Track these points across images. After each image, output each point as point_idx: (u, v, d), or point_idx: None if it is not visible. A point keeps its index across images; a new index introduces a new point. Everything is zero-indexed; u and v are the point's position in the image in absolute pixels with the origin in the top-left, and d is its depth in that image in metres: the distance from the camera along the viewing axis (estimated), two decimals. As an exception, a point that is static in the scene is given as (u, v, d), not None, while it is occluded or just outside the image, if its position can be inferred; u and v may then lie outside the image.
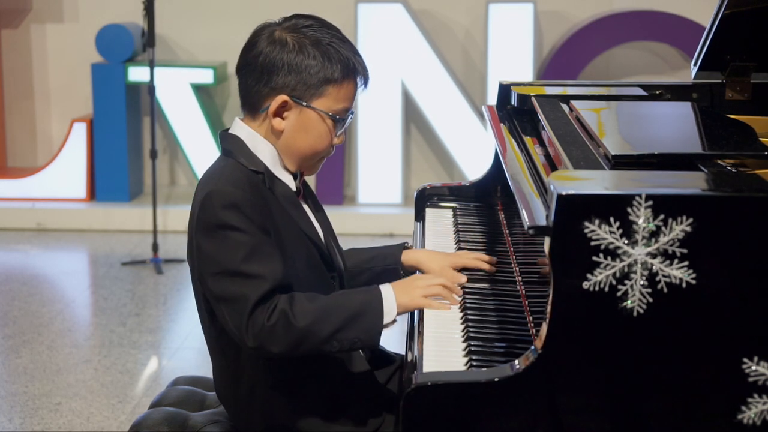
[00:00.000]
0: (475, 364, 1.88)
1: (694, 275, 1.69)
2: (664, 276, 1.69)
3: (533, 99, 2.66)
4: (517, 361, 1.75)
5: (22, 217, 6.13)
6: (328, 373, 2.09)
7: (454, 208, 2.82)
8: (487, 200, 2.83)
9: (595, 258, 1.69)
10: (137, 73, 6.13)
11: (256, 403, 2.09)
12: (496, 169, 2.81)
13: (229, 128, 2.12)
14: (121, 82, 6.13)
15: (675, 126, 2.44)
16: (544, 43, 6.37)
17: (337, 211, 5.99)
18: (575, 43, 6.09)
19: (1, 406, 3.70)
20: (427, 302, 2.05)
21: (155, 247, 5.43)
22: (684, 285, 1.70)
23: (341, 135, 2.09)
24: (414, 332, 2.04)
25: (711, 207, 1.70)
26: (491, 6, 6.06)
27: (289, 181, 2.10)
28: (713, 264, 1.70)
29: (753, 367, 1.72)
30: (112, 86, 6.14)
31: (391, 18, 6.05)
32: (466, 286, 2.23)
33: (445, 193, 2.86)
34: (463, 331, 2.02)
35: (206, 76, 6.16)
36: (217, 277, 1.95)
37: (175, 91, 6.15)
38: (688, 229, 1.68)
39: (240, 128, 2.09)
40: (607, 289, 1.70)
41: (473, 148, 6.09)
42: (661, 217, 1.68)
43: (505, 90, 2.84)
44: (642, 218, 1.68)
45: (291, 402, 2.07)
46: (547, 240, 1.73)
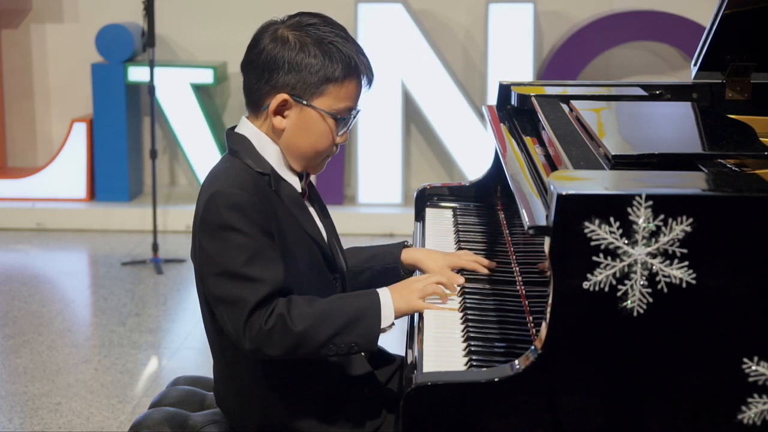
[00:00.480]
0: (475, 364, 1.88)
1: (694, 275, 1.69)
2: (664, 276, 1.69)
3: (533, 99, 2.66)
4: (517, 361, 1.75)
5: (22, 217, 6.13)
6: (328, 373, 2.09)
7: (454, 208, 2.82)
8: (487, 200, 2.83)
9: (595, 258, 1.69)
10: (137, 73, 6.13)
11: (255, 402, 2.09)
12: (496, 169, 2.81)
13: (235, 126, 2.12)
14: (121, 82, 6.14)
15: (675, 126, 2.44)
16: (544, 43, 6.37)
17: (337, 211, 5.96)
18: (575, 43, 6.09)
19: (1, 406, 3.70)
20: (424, 305, 2.05)
21: (155, 247, 5.43)
22: (684, 285, 1.70)
23: (344, 134, 2.08)
24: (414, 332, 2.05)
25: (711, 207, 1.70)
26: (491, 6, 6.06)
27: (295, 183, 2.10)
28: (713, 264, 1.70)
29: (753, 367, 1.72)
30: (112, 86, 6.14)
31: (391, 18, 6.05)
32: (466, 286, 2.23)
33: (445, 193, 2.86)
34: (463, 331, 2.02)
35: (206, 76, 6.17)
36: (217, 278, 1.95)
37: (175, 91, 6.15)
38: (688, 229, 1.68)
39: (246, 127, 2.09)
40: (607, 289, 1.70)
41: (473, 148, 6.09)
42: (661, 217, 1.68)
43: (505, 90, 2.84)
44: (642, 218, 1.68)
45: (290, 402, 2.07)
46: (547, 240, 1.73)
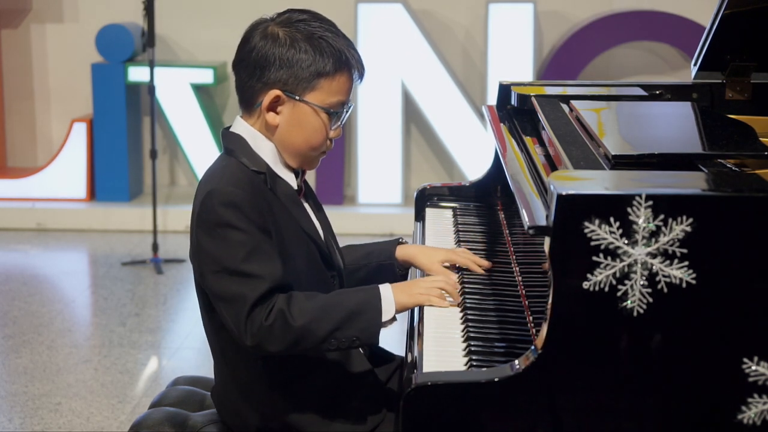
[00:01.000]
0: (475, 364, 1.88)
1: (694, 275, 1.69)
2: (664, 276, 1.69)
3: (533, 99, 2.66)
4: (517, 361, 1.75)
5: (22, 217, 6.14)
6: (328, 371, 2.10)
7: (454, 208, 2.82)
8: (487, 200, 2.83)
9: (595, 258, 1.69)
10: (137, 73, 6.13)
11: (255, 401, 2.09)
12: (496, 169, 2.81)
13: (230, 126, 2.13)
14: (121, 82, 6.14)
15: (675, 126, 2.44)
16: (544, 43, 6.37)
17: (337, 211, 6.00)
18: (575, 43, 6.09)
19: (1, 406, 3.70)
20: (425, 298, 2.07)
21: (155, 247, 5.43)
22: (684, 285, 1.70)
23: (338, 128, 2.09)
24: (414, 332, 2.05)
25: (711, 207, 1.70)
26: (491, 6, 6.06)
27: (291, 180, 2.11)
28: (713, 264, 1.70)
29: (753, 367, 1.72)
30: (112, 86, 6.14)
31: (391, 18, 6.05)
32: (466, 286, 2.23)
33: (445, 193, 2.86)
34: (463, 331, 2.02)
35: (206, 76, 6.17)
36: (216, 276, 1.96)
37: (175, 91, 6.15)
38: (688, 229, 1.68)
39: (241, 126, 2.09)
40: (607, 289, 1.70)
41: (473, 148, 6.09)
42: (661, 217, 1.68)
43: (505, 90, 2.84)
44: (642, 218, 1.68)
45: (291, 400, 2.07)
46: (547, 240, 1.73)
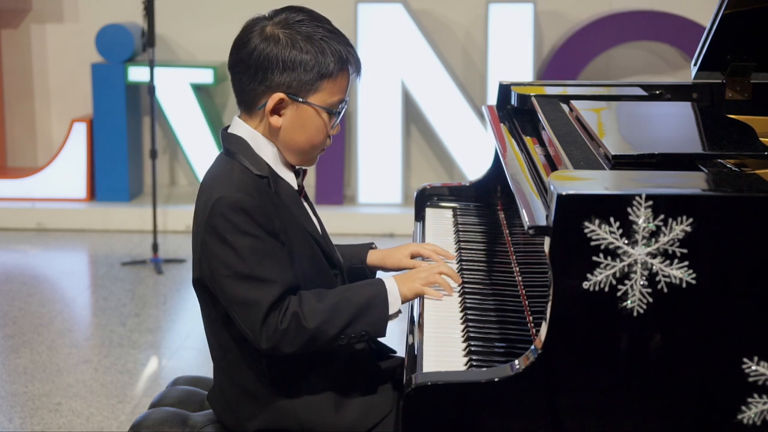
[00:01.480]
0: (475, 364, 1.88)
1: (694, 275, 1.69)
2: (664, 276, 1.69)
3: (533, 99, 2.66)
4: (517, 361, 1.75)
5: (22, 217, 6.14)
6: (331, 367, 2.11)
7: (454, 208, 2.82)
8: (487, 200, 2.83)
9: (595, 258, 1.69)
10: (137, 73, 6.13)
11: (257, 399, 2.09)
12: (496, 169, 2.81)
13: (228, 126, 2.12)
14: (121, 82, 6.14)
15: (675, 126, 2.44)
16: (544, 43, 6.37)
17: (337, 211, 6.00)
18: (575, 43, 6.09)
19: (1, 406, 3.70)
20: (426, 290, 2.12)
21: (155, 247, 5.43)
22: (684, 285, 1.70)
23: (337, 126, 2.11)
24: (414, 331, 2.05)
25: (711, 207, 1.70)
26: (491, 6, 6.06)
27: (291, 180, 2.12)
28: (713, 264, 1.70)
29: (753, 367, 1.72)
30: (112, 86, 6.14)
31: (391, 18, 6.05)
32: (466, 286, 2.23)
33: (445, 193, 2.86)
34: (463, 331, 2.02)
35: (206, 76, 6.17)
36: (229, 281, 1.98)
37: (175, 91, 6.15)
38: (688, 229, 1.68)
39: (241, 127, 2.09)
40: (607, 289, 1.70)
41: (473, 148, 6.09)
42: (661, 217, 1.68)
43: (505, 90, 2.84)
44: (642, 218, 1.68)
45: (293, 397, 2.08)
46: (547, 240, 1.73)
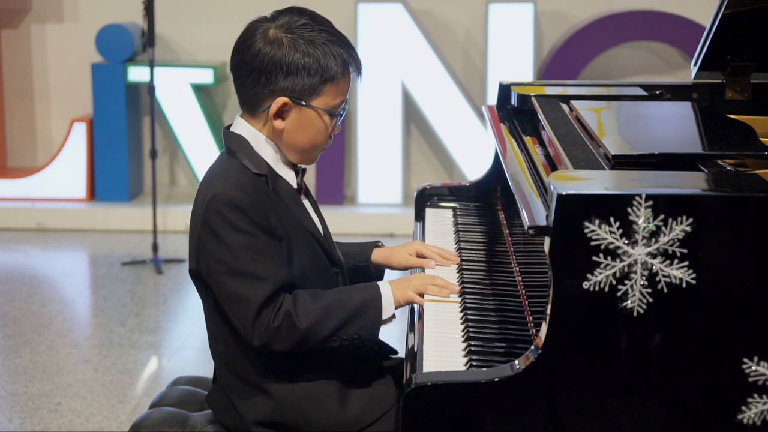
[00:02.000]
0: (475, 364, 1.88)
1: (694, 275, 1.69)
2: (664, 276, 1.69)
3: (533, 99, 2.66)
4: (517, 361, 1.75)
5: (22, 217, 6.13)
6: (336, 362, 2.11)
7: (454, 208, 2.82)
8: (487, 200, 2.83)
9: (595, 258, 1.69)
10: (137, 73, 6.13)
11: (259, 395, 2.10)
12: (496, 169, 2.81)
13: (230, 125, 2.14)
14: (121, 82, 6.14)
15: (675, 126, 2.44)
16: (544, 43, 6.37)
17: (337, 211, 6.00)
18: (575, 43, 6.09)
19: (1, 406, 3.70)
20: (416, 298, 2.12)
21: (155, 247, 5.43)
22: (684, 285, 1.70)
23: (338, 126, 2.13)
24: (414, 332, 2.05)
25: (711, 207, 1.70)
26: (491, 6, 6.06)
27: (291, 179, 2.13)
28: (713, 264, 1.70)
29: (753, 367, 1.72)
30: (112, 86, 6.13)
31: (391, 18, 6.05)
32: (466, 286, 2.23)
33: (445, 193, 2.86)
34: (463, 331, 2.02)
35: (206, 76, 6.17)
36: (224, 277, 2.00)
37: (175, 91, 6.15)
38: (688, 229, 1.68)
39: (243, 127, 2.11)
40: (607, 289, 1.70)
41: (473, 148, 6.09)
42: (661, 217, 1.68)
43: (505, 90, 2.84)
44: (642, 218, 1.68)
45: (296, 392, 2.08)
46: (547, 240, 1.73)
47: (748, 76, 2.72)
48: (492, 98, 5.84)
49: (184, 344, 4.32)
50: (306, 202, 2.18)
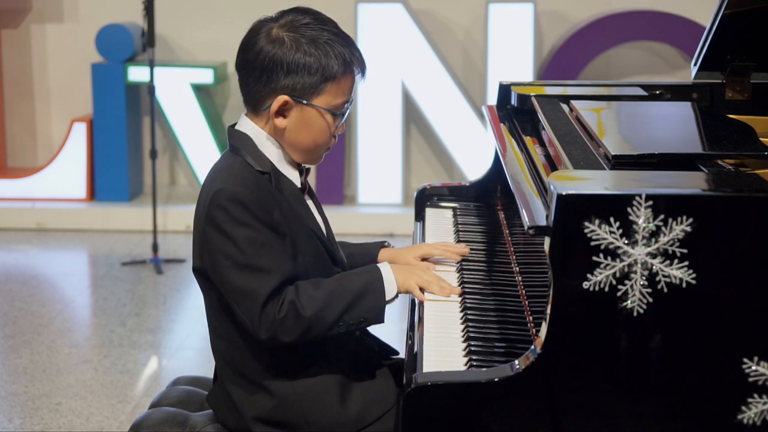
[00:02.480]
0: (475, 364, 1.88)
1: (694, 275, 1.69)
2: (664, 276, 1.69)
3: (533, 99, 2.67)
4: (517, 361, 1.75)
5: (22, 217, 6.13)
6: (337, 359, 2.12)
7: (454, 208, 2.82)
8: (487, 200, 2.83)
9: (595, 258, 1.69)
10: (137, 73, 6.13)
11: (262, 393, 2.10)
12: (496, 169, 2.81)
13: (236, 123, 2.15)
14: (121, 82, 6.14)
15: (675, 126, 2.44)
16: (544, 43, 6.37)
17: (337, 211, 6.00)
18: (575, 43, 6.09)
19: (1, 406, 3.70)
20: (417, 291, 2.13)
21: (155, 247, 5.43)
22: (684, 285, 1.70)
23: (342, 126, 2.13)
24: (414, 332, 2.05)
25: (711, 207, 1.70)
26: (491, 6, 6.06)
27: (295, 178, 2.14)
28: (713, 264, 1.70)
29: (753, 367, 1.72)
30: (112, 86, 6.14)
31: (391, 18, 6.05)
32: (466, 286, 2.23)
33: (445, 193, 2.86)
34: (463, 331, 2.02)
35: (206, 76, 6.17)
36: (229, 271, 2.01)
37: (175, 91, 6.15)
38: (688, 229, 1.68)
39: (247, 125, 2.13)
40: (607, 289, 1.70)
41: (473, 148, 6.09)
42: (661, 217, 1.68)
43: (505, 90, 2.84)
44: (642, 218, 1.68)
45: (299, 390, 2.09)
46: (547, 240, 1.73)
47: (748, 76, 2.72)
48: (492, 98, 5.84)
49: (184, 344, 4.32)
50: (309, 202, 2.19)
